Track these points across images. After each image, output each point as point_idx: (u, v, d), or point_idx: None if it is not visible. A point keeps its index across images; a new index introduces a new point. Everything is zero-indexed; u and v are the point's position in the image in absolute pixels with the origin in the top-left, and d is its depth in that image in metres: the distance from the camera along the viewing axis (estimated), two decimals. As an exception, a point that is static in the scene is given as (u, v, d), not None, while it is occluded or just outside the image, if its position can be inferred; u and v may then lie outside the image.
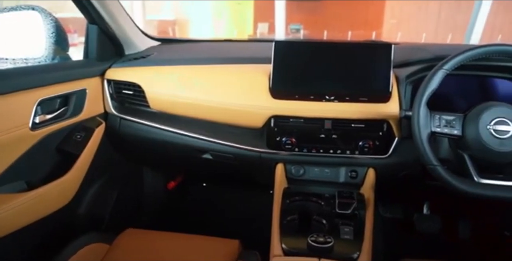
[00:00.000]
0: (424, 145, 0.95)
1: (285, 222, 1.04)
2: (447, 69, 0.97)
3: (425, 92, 0.96)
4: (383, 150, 1.16)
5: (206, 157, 1.31)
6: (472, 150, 0.96)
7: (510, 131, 0.93)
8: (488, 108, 0.96)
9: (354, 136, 1.16)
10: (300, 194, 1.16)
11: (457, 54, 0.97)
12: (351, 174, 1.21)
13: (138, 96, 1.31)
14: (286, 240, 0.98)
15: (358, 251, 0.94)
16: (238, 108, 1.20)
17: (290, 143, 1.18)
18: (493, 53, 0.97)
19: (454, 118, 0.98)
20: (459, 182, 0.93)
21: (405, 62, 1.23)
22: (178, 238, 1.15)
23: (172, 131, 1.30)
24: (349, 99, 1.14)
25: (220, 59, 1.34)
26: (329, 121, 1.16)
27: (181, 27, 6.29)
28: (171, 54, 1.51)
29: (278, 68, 1.16)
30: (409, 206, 1.73)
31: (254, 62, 1.29)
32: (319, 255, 0.90)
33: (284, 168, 1.24)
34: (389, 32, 6.21)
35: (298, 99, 1.16)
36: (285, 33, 5.09)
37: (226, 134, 1.26)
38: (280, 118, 1.18)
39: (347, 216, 1.04)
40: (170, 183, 1.81)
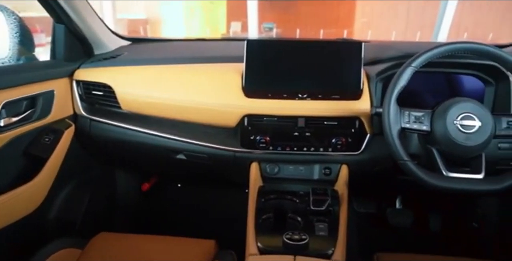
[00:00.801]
0: (394, 141, 0.97)
1: (260, 221, 1.04)
2: (415, 66, 0.99)
3: (394, 89, 0.98)
4: (355, 146, 1.18)
5: (180, 157, 1.30)
6: (440, 145, 0.99)
7: (475, 126, 0.96)
8: (454, 104, 0.99)
9: (327, 133, 1.18)
10: (275, 193, 1.16)
11: (424, 51, 1.00)
12: (325, 171, 1.22)
13: (108, 97, 1.29)
14: (262, 239, 0.98)
15: (333, 247, 0.95)
16: (211, 108, 1.19)
17: (264, 142, 1.18)
18: (459, 51, 0.99)
19: (423, 114, 1.00)
20: (428, 176, 0.96)
21: (376, 60, 1.26)
22: (152, 240, 1.13)
23: (145, 132, 1.28)
24: (322, 96, 1.15)
25: (193, 59, 1.32)
26: (302, 119, 1.17)
27: (153, 26, 6.20)
28: (142, 53, 1.48)
29: (250, 67, 1.16)
30: (382, 201, 1.76)
31: (227, 61, 1.28)
32: (295, 252, 0.91)
33: (259, 166, 1.24)
34: (360, 31, 6.31)
35: (271, 97, 1.16)
36: (258, 32, 5.09)
37: (199, 134, 1.25)
38: (253, 117, 1.18)
39: (321, 213, 1.05)
40: (144, 184, 1.79)
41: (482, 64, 1.15)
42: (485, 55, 1.00)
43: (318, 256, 0.92)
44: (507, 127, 0.99)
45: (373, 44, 1.44)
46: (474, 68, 1.20)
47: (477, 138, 0.96)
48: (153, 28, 6.13)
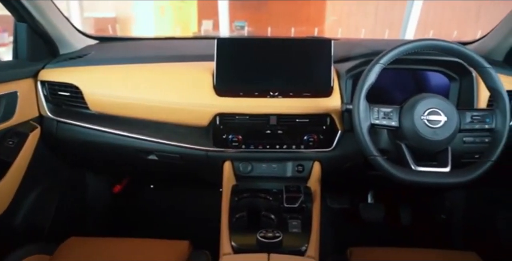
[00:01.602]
0: (364, 137, 0.98)
1: (234, 220, 1.04)
2: (383, 63, 1.01)
3: (363, 86, 1.00)
4: (327, 143, 1.19)
5: (152, 158, 1.28)
6: (409, 140, 1.01)
7: (441, 121, 0.99)
8: (421, 99, 1.01)
9: (299, 130, 1.18)
10: (248, 191, 1.16)
11: (391, 49, 1.01)
12: (298, 168, 1.23)
13: (75, 97, 1.25)
14: (236, 238, 0.97)
15: (306, 243, 0.96)
16: (182, 107, 1.18)
17: (237, 141, 1.17)
18: (424, 48, 1.02)
19: (392, 110, 1.02)
20: (398, 171, 0.98)
21: (345, 57, 1.27)
22: (125, 243, 1.11)
23: (114, 133, 1.25)
24: (293, 94, 1.16)
25: (163, 57, 1.30)
26: (274, 117, 1.18)
27: (123, 25, 6.08)
28: (110, 53, 1.45)
29: (221, 66, 1.15)
30: (354, 196, 1.79)
31: (197, 60, 1.27)
32: (269, 250, 0.91)
33: (232, 165, 1.23)
34: (331, 29, 6.40)
35: (242, 96, 1.16)
36: (230, 30, 5.08)
37: (171, 133, 1.23)
38: (225, 116, 1.17)
39: (295, 210, 1.05)
40: (116, 186, 1.75)
41: (446, 60, 1.19)
42: (449, 52, 1.03)
43: (292, 253, 0.92)
44: (471, 122, 1.02)
45: (342, 42, 1.46)
46: (439, 65, 1.23)
47: (443, 133, 0.99)
48: (123, 26, 6.01)
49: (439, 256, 1.10)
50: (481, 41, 1.42)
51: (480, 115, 1.02)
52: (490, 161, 0.99)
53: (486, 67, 1.01)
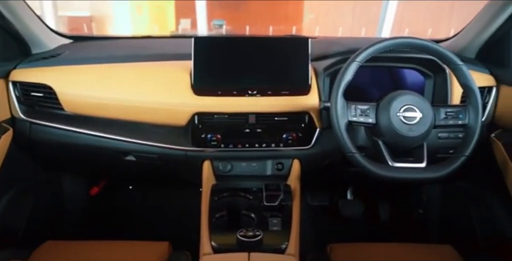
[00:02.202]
0: (342, 134, 0.99)
1: (214, 220, 1.03)
2: (359, 61, 1.02)
3: (341, 84, 1.01)
4: (306, 141, 1.20)
5: (130, 159, 1.26)
6: (385, 137, 1.02)
7: (417, 117, 1.01)
8: (397, 96, 1.03)
9: (278, 129, 1.19)
10: (228, 190, 1.15)
11: (367, 47, 1.03)
12: (277, 166, 1.23)
13: (49, 98, 1.22)
14: (216, 238, 0.97)
15: (287, 241, 0.96)
16: (160, 107, 1.16)
17: (216, 140, 1.17)
18: (399, 45, 1.03)
19: (368, 107, 1.03)
20: (375, 167, 0.99)
21: (323, 55, 1.28)
22: (103, 246, 1.09)
23: (91, 134, 1.22)
24: (271, 93, 1.16)
25: (139, 57, 1.28)
26: (253, 115, 1.18)
27: (98, 23, 5.96)
28: (85, 52, 1.42)
29: (199, 65, 1.14)
30: (334, 193, 1.81)
31: (175, 58, 1.25)
32: (249, 249, 0.91)
33: (211, 165, 1.23)
34: (309, 27, 6.44)
35: (220, 95, 1.15)
36: (208, 29, 5.05)
37: (149, 134, 1.22)
38: (204, 115, 1.17)
39: (275, 208, 1.05)
40: (93, 188, 1.72)
41: (421, 58, 1.21)
42: (423, 49, 1.05)
43: (272, 251, 0.93)
44: (445, 118, 1.04)
45: (320, 40, 1.47)
46: (414, 62, 1.25)
47: (419, 129, 1.01)
48: (99, 25, 5.90)
49: (416, 250, 1.13)
50: (454, 39, 1.46)
51: (454, 111, 1.04)
52: (464, 156, 1.01)
53: (458, 64, 1.03)
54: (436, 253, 1.10)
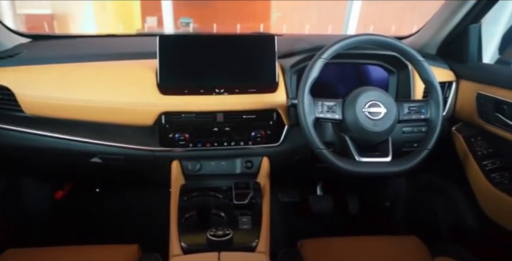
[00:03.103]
0: (310, 131, 1.00)
1: (183, 220, 1.02)
2: (325, 58, 1.03)
3: (307, 81, 1.01)
4: (274, 138, 1.20)
5: (95, 161, 1.22)
6: (352, 132, 1.04)
7: (381, 113, 1.03)
8: (362, 92, 1.04)
9: (246, 127, 1.18)
10: (197, 190, 1.15)
11: (332, 44, 1.04)
12: (247, 165, 1.23)
13: (7, 100, 1.16)
14: (185, 238, 0.96)
15: (257, 239, 0.96)
16: (125, 107, 1.13)
17: (184, 139, 1.15)
18: (363, 42, 1.05)
19: (335, 104, 1.05)
20: (342, 163, 1.01)
21: (289, 53, 1.29)
22: (69, 251, 1.06)
23: (53, 136, 1.18)
24: (239, 91, 1.16)
25: (103, 56, 1.24)
26: (220, 114, 1.17)
27: (60, 22, 5.76)
28: (45, 51, 1.36)
29: (164, 63, 1.13)
30: (304, 189, 1.83)
31: (140, 57, 1.23)
32: (219, 248, 0.90)
33: (180, 164, 1.21)
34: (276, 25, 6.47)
35: (187, 94, 1.14)
36: (175, 27, 4.98)
37: (114, 135, 1.19)
38: (171, 114, 1.15)
39: (244, 206, 1.05)
40: (58, 192, 1.66)
41: (384, 54, 1.24)
42: (386, 46, 1.07)
43: (242, 249, 0.92)
44: (408, 112, 1.07)
45: (286, 38, 1.47)
46: (378, 59, 1.28)
47: (384, 124, 1.03)
48: (60, 24, 5.70)
49: (383, 241, 1.15)
50: (415, 36, 1.50)
51: (416, 106, 1.07)
52: (426, 150, 1.04)
53: (420, 61, 1.06)
54: (402, 244, 1.13)
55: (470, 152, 1.21)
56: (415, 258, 1.08)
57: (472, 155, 1.21)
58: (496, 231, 1.13)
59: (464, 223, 1.34)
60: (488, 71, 1.24)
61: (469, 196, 1.26)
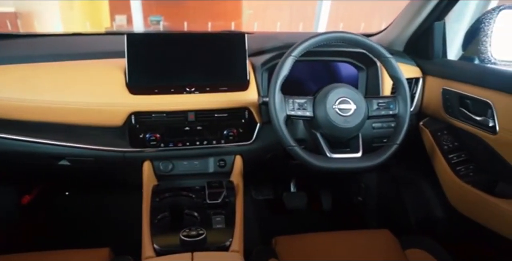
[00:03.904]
0: (281, 128, 1.00)
1: (156, 221, 1.01)
2: (295, 56, 1.03)
3: (277, 79, 1.02)
4: (247, 136, 1.20)
5: (63, 163, 1.19)
6: (323, 129, 1.05)
7: (351, 109, 1.04)
8: (332, 89, 1.05)
9: (218, 125, 1.18)
10: (170, 190, 1.13)
11: (302, 41, 1.04)
12: (220, 163, 1.23)
13: None
14: (158, 240, 0.94)
15: (231, 238, 0.96)
16: (93, 107, 1.10)
17: (155, 139, 1.14)
18: (332, 40, 1.06)
19: (306, 101, 1.05)
20: (314, 159, 1.02)
21: (260, 51, 1.29)
22: (38, 257, 1.02)
23: (18, 139, 1.13)
24: (210, 89, 1.15)
25: (69, 55, 1.21)
26: (192, 113, 1.16)
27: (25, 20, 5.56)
28: (7, 51, 1.31)
29: (133, 62, 1.11)
30: (278, 186, 1.84)
31: (108, 56, 1.20)
32: (193, 249, 0.89)
33: (152, 165, 1.20)
34: (248, 22, 6.47)
35: (157, 93, 1.12)
36: (145, 25, 4.90)
37: (83, 136, 1.15)
38: (141, 114, 1.13)
39: (218, 206, 1.05)
40: (25, 197, 1.60)
41: (353, 51, 1.25)
42: (354, 43, 1.09)
43: (216, 249, 0.92)
44: (377, 108, 1.09)
45: (257, 36, 1.48)
46: (348, 56, 1.30)
47: (354, 120, 1.04)
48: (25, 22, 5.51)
49: (356, 236, 1.18)
50: (383, 33, 1.52)
51: (385, 102, 1.09)
52: (395, 144, 1.06)
53: (387, 57, 1.08)
54: (374, 238, 1.15)
55: (437, 146, 1.25)
56: (386, 251, 1.10)
57: (439, 148, 1.24)
58: (462, 222, 1.16)
59: (433, 215, 1.38)
60: (453, 67, 1.27)
61: (437, 189, 1.29)
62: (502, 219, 1.00)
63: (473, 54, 1.27)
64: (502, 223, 1.01)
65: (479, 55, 1.22)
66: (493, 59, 1.19)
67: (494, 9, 1.17)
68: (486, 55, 1.19)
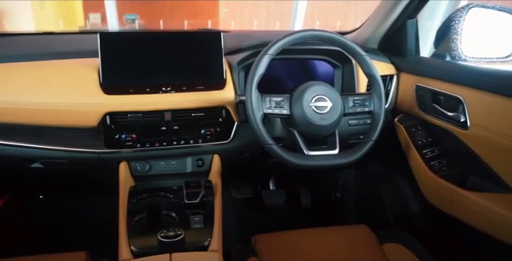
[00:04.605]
0: (259, 127, 1.00)
1: (133, 223, 0.99)
2: (271, 54, 1.03)
3: (254, 77, 1.02)
4: (224, 135, 1.20)
5: (36, 166, 1.16)
6: (300, 126, 1.06)
7: (327, 107, 1.05)
8: (308, 87, 1.06)
9: (195, 125, 1.17)
10: (147, 191, 1.12)
11: (278, 39, 1.05)
12: (198, 163, 1.22)
13: None
14: (135, 241, 0.93)
15: (209, 237, 0.95)
16: (67, 108, 1.08)
17: (131, 140, 1.12)
18: (307, 38, 1.07)
19: (282, 99, 1.06)
20: (292, 157, 1.02)
21: (236, 49, 1.28)
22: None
23: None
24: (186, 88, 1.14)
25: (41, 55, 1.17)
26: (168, 112, 1.15)
27: (-6, 19, 5.39)
28: None
29: (107, 62, 1.09)
30: (257, 185, 1.84)
31: (81, 56, 1.18)
32: (172, 250, 0.88)
33: (128, 166, 1.18)
34: (225, 21, 6.44)
35: (133, 93, 1.10)
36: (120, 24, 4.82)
37: (56, 138, 1.13)
38: (116, 115, 1.11)
39: (196, 205, 1.04)
40: None
41: (329, 49, 1.27)
42: (329, 41, 1.09)
43: (195, 249, 0.91)
44: (353, 105, 1.10)
45: (234, 34, 1.47)
46: (323, 54, 1.31)
47: (330, 117, 1.05)
48: (-6, 21, 5.34)
49: (334, 232, 1.19)
50: (357, 31, 1.54)
51: (361, 99, 1.11)
52: (371, 141, 1.08)
53: (362, 55, 1.09)
54: (352, 233, 1.17)
55: (412, 142, 1.27)
56: (364, 246, 1.12)
57: (413, 144, 1.27)
58: (437, 216, 1.19)
59: (408, 209, 1.41)
60: (425, 64, 1.30)
61: (412, 184, 1.32)
62: (474, 212, 1.03)
63: (444, 51, 1.29)
64: (474, 216, 1.04)
65: (450, 52, 1.25)
66: (463, 56, 1.22)
67: (463, 8, 1.20)
68: (456, 52, 1.21)
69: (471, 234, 1.07)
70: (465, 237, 1.20)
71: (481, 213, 1.00)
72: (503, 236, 0.96)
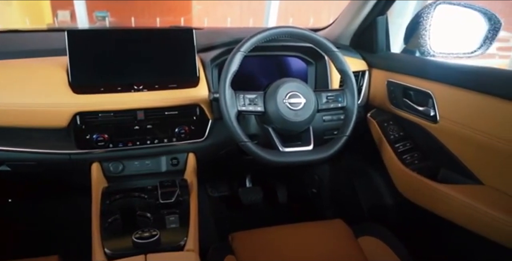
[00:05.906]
0: (233, 124, 1.00)
1: (106, 225, 0.97)
2: (244, 51, 1.03)
3: (227, 74, 1.01)
4: (199, 133, 1.19)
5: (3, 169, 1.11)
6: (274, 123, 1.06)
7: (301, 103, 1.06)
8: (282, 84, 1.07)
9: (169, 123, 1.15)
10: (121, 192, 1.09)
11: (250, 37, 1.04)
12: (172, 162, 1.21)
13: None
14: (109, 244, 0.91)
15: (185, 237, 0.94)
16: (34, 109, 1.04)
17: (103, 140, 1.10)
18: (279, 35, 1.07)
19: (256, 96, 1.06)
20: (267, 154, 1.02)
21: (209, 46, 1.27)
22: None
23: None
24: (158, 87, 1.12)
25: (6, 53, 1.13)
26: (141, 111, 1.12)
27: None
28: None
29: (75, 60, 1.06)
30: (233, 182, 1.84)
31: (49, 54, 1.14)
32: (147, 250, 0.87)
33: (101, 166, 1.15)
34: (198, 18, 6.39)
35: (103, 92, 1.08)
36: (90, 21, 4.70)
37: (24, 139, 1.09)
38: (86, 114, 1.08)
39: (171, 205, 1.03)
40: None
41: (302, 46, 1.27)
42: (302, 38, 1.10)
43: (171, 249, 0.90)
44: (326, 102, 1.11)
45: (206, 31, 1.46)
46: (296, 50, 1.32)
47: (304, 114, 1.06)
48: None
49: (310, 227, 1.20)
50: (330, 28, 1.56)
51: (334, 95, 1.12)
52: (345, 136, 1.10)
53: (334, 51, 1.10)
54: (328, 228, 1.19)
55: (384, 136, 1.30)
56: (340, 240, 1.14)
57: (386, 138, 1.29)
58: (410, 209, 1.22)
59: (383, 203, 1.43)
60: (396, 60, 1.33)
61: (386, 178, 1.35)
62: (445, 204, 1.06)
63: (414, 47, 1.32)
64: (445, 207, 1.07)
65: (420, 48, 1.28)
66: (432, 52, 1.25)
67: (431, 4, 1.22)
68: (425, 48, 1.24)
69: (444, 226, 1.10)
70: (438, 229, 1.23)
71: (452, 205, 1.03)
72: (474, 226, 0.99)
